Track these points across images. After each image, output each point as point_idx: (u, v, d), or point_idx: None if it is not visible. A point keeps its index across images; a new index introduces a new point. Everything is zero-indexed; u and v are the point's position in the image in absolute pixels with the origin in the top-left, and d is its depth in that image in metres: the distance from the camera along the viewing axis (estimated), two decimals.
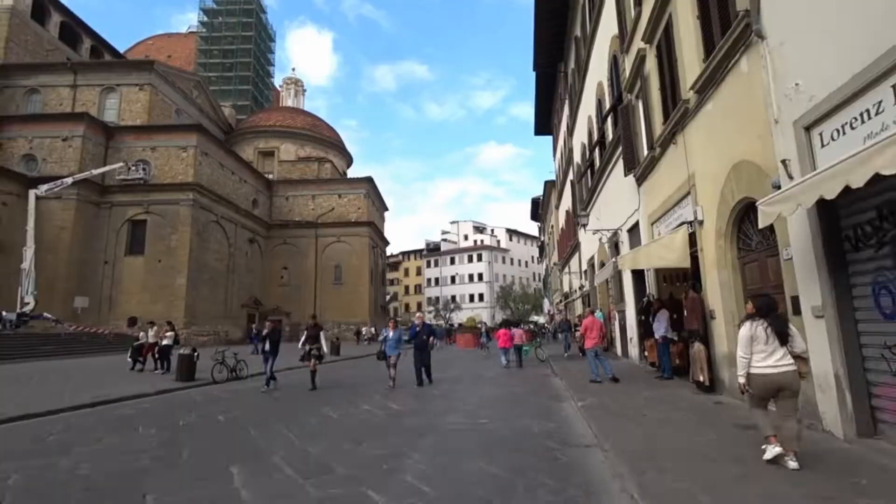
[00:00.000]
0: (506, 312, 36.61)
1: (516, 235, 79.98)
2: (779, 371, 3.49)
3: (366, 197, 44.49)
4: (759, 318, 3.64)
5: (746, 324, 3.71)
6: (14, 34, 34.61)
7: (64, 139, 28.29)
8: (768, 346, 3.53)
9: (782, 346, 3.52)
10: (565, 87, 23.29)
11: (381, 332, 8.74)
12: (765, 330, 3.56)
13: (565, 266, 27.57)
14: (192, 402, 8.24)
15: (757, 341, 3.57)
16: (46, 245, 26.29)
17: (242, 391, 9.69)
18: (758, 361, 3.56)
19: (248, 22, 55.92)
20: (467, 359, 18.38)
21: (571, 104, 20.71)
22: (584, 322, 9.38)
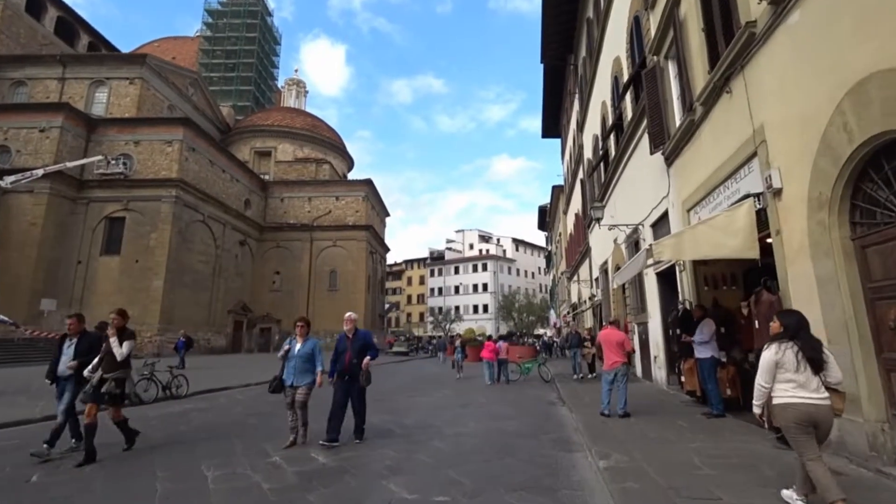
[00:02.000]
0: (509, 324, 34.11)
1: (523, 245, 77.59)
2: (815, 403, 2.95)
3: (364, 200, 42.55)
4: (787, 340, 3.10)
5: (772, 346, 3.15)
6: (5, 26, 33.41)
7: (41, 130, 26.64)
8: (799, 374, 3.00)
9: (815, 375, 2.99)
10: (575, 81, 21.44)
11: (284, 344, 5.80)
12: (795, 355, 3.04)
13: (574, 274, 25.24)
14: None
15: (784, 368, 3.05)
16: (14, 242, 24.53)
17: (169, 417, 7.49)
18: (786, 390, 3.03)
19: (252, 24, 55.00)
20: (443, 379, 15.26)
21: (582, 97, 18.78)
22: (601, 335, 7.08)
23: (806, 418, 2.92)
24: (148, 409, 8.05)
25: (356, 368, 5.53)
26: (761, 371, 3.12)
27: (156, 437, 5.87)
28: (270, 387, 5.65)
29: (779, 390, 3.03)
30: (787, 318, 3.22)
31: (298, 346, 5.59)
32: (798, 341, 3.04)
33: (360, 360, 5.53)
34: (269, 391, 5.66)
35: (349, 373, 5.53)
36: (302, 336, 5.67)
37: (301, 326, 5.71)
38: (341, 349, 5.65)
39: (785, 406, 2.98)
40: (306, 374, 5.50)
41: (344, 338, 5.74)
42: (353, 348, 5.58)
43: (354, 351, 5.57)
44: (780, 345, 3.07)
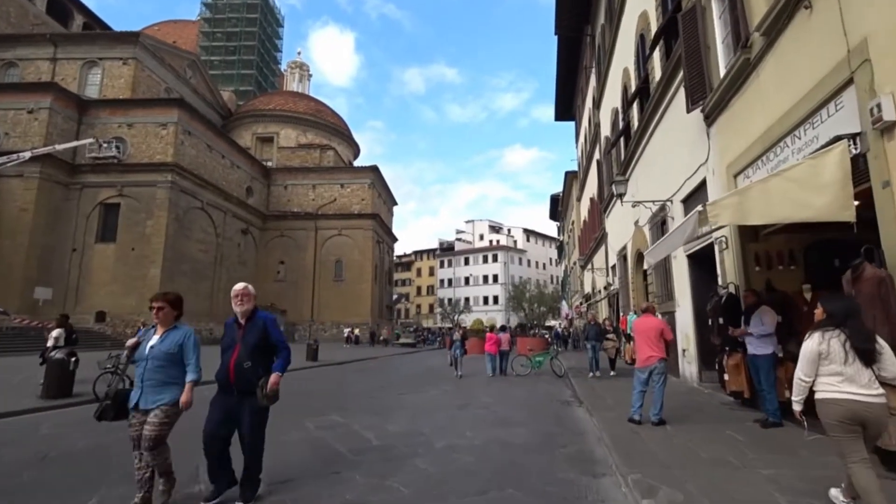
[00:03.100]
0: (519, 315, 32.83)
1: (534, 236, 75.97)
2: (865, 401, 2.56)
3: (370, 187, 41.26)
4: (832, 328, 2.73)
5: (815, 335, 2.77)
6: None
7: (29, 111, 25.66)
8: (847, 366, 2.62)
9: (866, 368, 2.60)
10: (592, 54, 19.93)
11: (134, 337, 3.21)
12: (842, 344, 2.65)
13: (588, 263, 23.85)
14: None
15: (830, 359, 2.67)
16: (4, 229, 23.73)
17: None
18: (832, 384, 2.66)
19: (253, 4, 53.42)
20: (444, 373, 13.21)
21: (599, 70, 17.30)
22: (635, 324, 5.76)
23: (852, 416, 2.59)
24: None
25: (248, 376, 3.24)
26: (802, 362, 2.82)
27: None
28: (98, 411, 3.28)
29: (822, 384, 2.72)
30: (832, 304, 2.89)
31: (155, 339, 3.21)
32: (846, 329, 2.69)
33: (256, 364, 3.30)
34: (96, 417, 3.27)
35: (237, 384, 3.25)
36: (164, 324, 3.27)
37: (159, 309, 3.24)
38: (226, 344, 3.40)
39: (828, 402, 2.67)
40: (165, 387, 3.14)
41: (233, 324, 3.44)
42: (246, 342, 3.31)
43: (247, 347, 3.29)
44: (823, 333, 2.74)
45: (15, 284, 23.38)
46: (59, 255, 25.60)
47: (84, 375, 7.59)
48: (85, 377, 7.54)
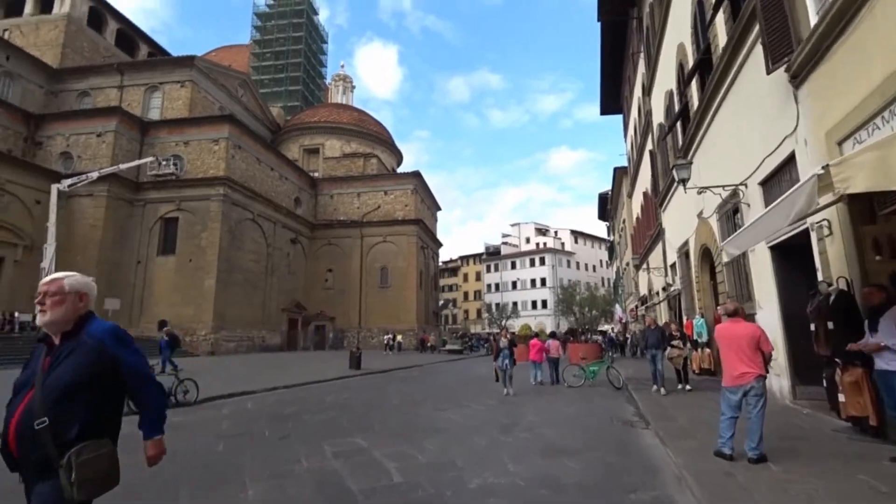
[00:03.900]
0: (569, 319, 31.16)
1: (582, 237, 73.16)
2: None
3: (413, 193, 41.20)
4: None
5: None
6: (70, 41, 35.40)
7: (98, 135, 27.66)
8: None
9: None
10: (639, 38, 18.48)
11: None
12: None
13: (643, 263, 22.07)
14: None
15: None
16: (77, 244, 25.47)
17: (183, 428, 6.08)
18: None
19: (298, 23, 55.54)
20: (489, 384, 11.44)
21: (649, 54, 15.89)
22: (719, 330, 4.61)
23: None
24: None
25: (42, 446, 1.67)
26: None
27: None
28: None
29: None
30: None
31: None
32: None
33: (63, 421, 1.70)
34: None
35: (24, 458, 1.71)
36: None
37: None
38: (20, 382, 1.82)
39: None
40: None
41: (40, 349, 1.89)
42: (51, 382, 1.74)
43: (51, 390, 1.73)
44: None
45: None
46: (125, 268, 27.20)
47: None
48: None
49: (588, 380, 11.37)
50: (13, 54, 31.01)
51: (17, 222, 23.86)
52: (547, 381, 12.27)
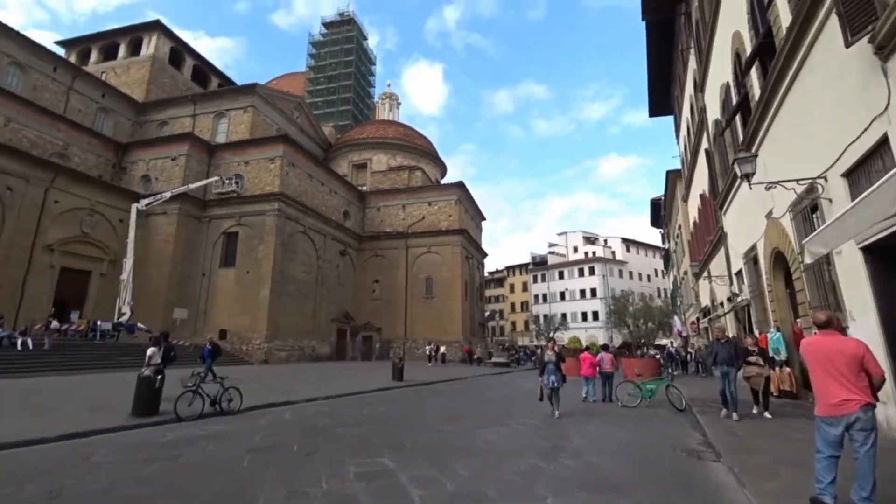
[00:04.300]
0: (623, 332, 29.59)
1: (634, 246, 69.98)
2: None
3: (457, 203, 41.29)
4: None
5: None
6: (154, 78, 39.24)
7: (172, 159, 30.11)
8: None
9: None
10: (688, 33, 17.53)
11: None
12: None
13: (703, 270, 20.59)
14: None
15: None
16: (152, 258, 27.63)
17: (217, 438, 6.33)
18: None
19: (349, 48, 58.20)
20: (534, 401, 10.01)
21: (700, 47, 14.99)
22: (807, 345, 3.80)
23: None
24: (176, 429, 7.03)
25: None
26: None
27: None
28: None
29: None
30: None
31: None
32: None
33: None
34: None
35: None
36: None
37: None
38: None
39: None
40: None
41: None
42: None
43: None
44: None
45: (159, 306, 26.96)
46: (192, 280, 29.12)
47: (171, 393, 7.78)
48: (170, 396, 7.75)
49: (645, 399, 10.60)
50: (108, 92, 34.98)
51: (103, 239, 26.26)
52: (599, 398, 11.60)
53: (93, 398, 9.58)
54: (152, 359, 8.10)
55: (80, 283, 25.22)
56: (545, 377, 8.90)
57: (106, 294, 25.70)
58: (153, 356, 8.15)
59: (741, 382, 8.39)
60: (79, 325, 22.83)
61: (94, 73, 37.61)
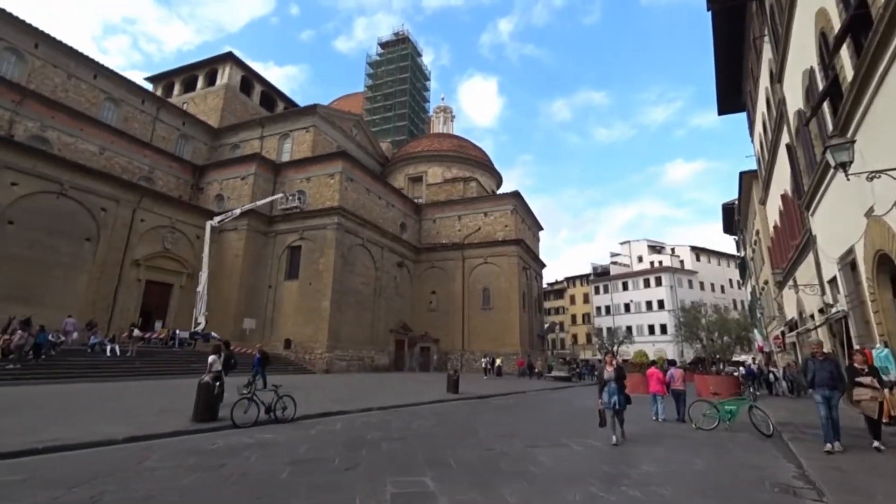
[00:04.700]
0: (695, 346, 27.22)
1: (705, 254, 65.13)
2: None
3: (513, 213, 40.71)
4: None
5: None
6: (227, 105, 42.73)
7: (242, 178, 32.34)
8: None
9: None
10: (762, 20, 16.09)
11: None
12: None
13: (788, 279, 18.51)
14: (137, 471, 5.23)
15: None
16: (224, 272, 29.64)
17: (264, 447, 6.47)
18: None
19: (404, 66, 60.01)
20: (594, 420, 8.39)
21: (777, 35, 13.67)
22: None
23: None
24: (229, 436, 7.22)
25: None
26: None
27: None
28: None
29: None
30: None
31: None
32: None
33: None
34: None
35: None
36: None
37: None
38: None
39: None
40: None
41: None
42: None
43: None
44: None
45: (229, 316, 28.77)
46: (259, 292, 30.84)
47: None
48: (231, 402, 8.00)
49: (723, 421, 9.52)
50: (188, 120, 38.53)
51: (183, 254, 28.58)
52: (670, 418, 10.61)
53: (165, 402, 10.20)
54: (213, 366, 8.44)
55: (162, 295, 27.55)
56: (605, 396, 7.76)
57: (185, 305, 27.83)
58: (213, 363, 8.50)
59: (849, 407, 7.20)
60: (160, 333, 24.84)
61: (177, 103, 41.59)
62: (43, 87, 28.24)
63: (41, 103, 25.37)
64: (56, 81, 29.49)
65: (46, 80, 28.95)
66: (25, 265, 20.90)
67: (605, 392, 7.73)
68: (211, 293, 27.37)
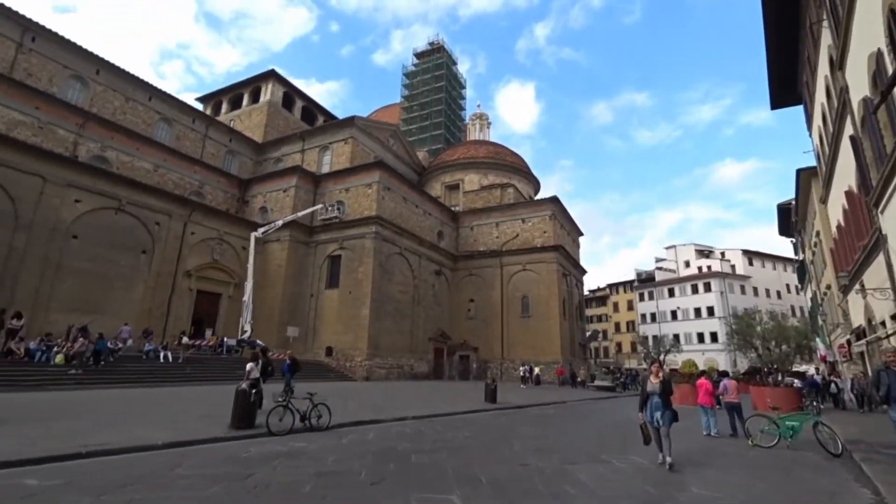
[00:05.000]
0: (749, 355, 25.37)
1: (759, 258, 61.23)
2: None
3: (551, 219, 39.92)
4: None
5: None
6: (270, 121, 44.64)
7: (283, 191, 33.57)
8: None
9: None
10: (819, 3, 14.89)
11: None
12: None
13: (854, 283, 16.94)
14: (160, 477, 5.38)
15: None
16: (269, 281, 30.73)
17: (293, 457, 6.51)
18: None
19: (439, 75, 60.65)
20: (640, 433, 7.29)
21: (837, 18, 12.61)
22: None
23: None
24: (263, 444, 7.31)
25: None
26: None
27: None
28: None
29: None
30: None
31: None
32: None
33: None
34: None
35: None
36: None
37: None
38: None
39: None
40: None
41: None
42: None
43: None
44: None
45: (274, 325, 29.73)
46: (302, 300, 31.73)
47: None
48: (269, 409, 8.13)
49: (785, 438, 8.73)
50: (234, 137, 40.58)
51: (230, 265, 29.91)
52: (723, 433, 9.89)
53: (207, 408, 10.57)
54: (251, 373, 8.63)
55: (212, 304, 28.88)
56: (647, 412, 6.87)
57: (233, 313, 29.02)
58: (251, 371, 8.68)
59: None
60: (209, 340, 25.99)
61: (224, 121, 43.87)
62: (104, 110, 30.54)
63: (102, 125, 27.44)
64: (115, 105, 31.83)
65: (107, 103, 31.30)
66: (88, 277, 22.49)
67: (647, 406, 6.91)
68: (256, 302, 28.40)
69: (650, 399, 6.87)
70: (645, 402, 6.97)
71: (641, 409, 7.03)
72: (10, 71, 26.28)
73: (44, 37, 28.60)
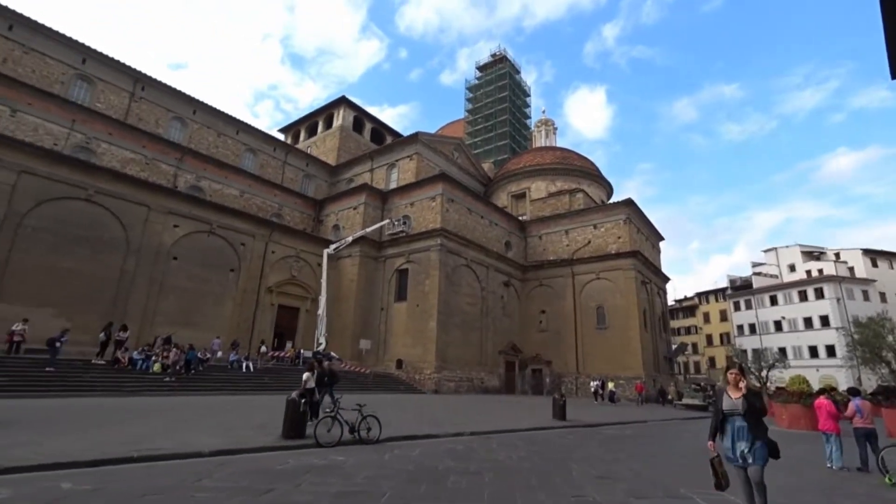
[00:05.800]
0: (879, 371, 21.18)
1: (885, 258, 52.32)
2: None
3: (626, 223, 37.38)
4: None
5: None
6: (342, 144, 47.29)
7: (353, 208, 35.06)
8: None
9: None
10: None
11: None
12: None
13: None
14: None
15: None
16: (342, 296, 32.03)
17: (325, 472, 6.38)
18: None
19: (502, 85, 60.48)
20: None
21: None
22: None
23: None
24: (305, 455, 7.21)
25: None
26: None
27: None
28: None
29: None
30: None
31: None
32: None
33: None
34: None
35: None
36: None
37: None
38: None
39: None
40: None
41: None
42: None
43: None
44: None
45: (347, 338, 30.81)
46: (372, 314, 32.61)
47: None
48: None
49: None
50: (311, 162, 43.52)
51: (307, 281, 31.66)
52: (850, 466, 8.16)
53: (269, 416, 10.88)
54: (306, 383, 8.69)
55: (291, 318, 30.66)
56: (725, 441, 4.71)
57: (310, 327, 30.54)
58: (307, 381, 8.74)
59: None
60: (288, 352, 27.50)
61: (302, 148, 47.22)
62: (199, 145, 34.25)
63: (197, 158, 30.72)
64: (209, 140, 35.56)
65: (202, 139, 35.08)
66: (186, 294, 24.96)
67: (725, 434, 4.72)
68: (330, 316, 29.63)
69: (729, 422, 4.71)
70: (720, 427, 4.82)
71: (713, 436, 4.83)
72: (125, 117, 30.46)
73: (152, 86, 32.89)
